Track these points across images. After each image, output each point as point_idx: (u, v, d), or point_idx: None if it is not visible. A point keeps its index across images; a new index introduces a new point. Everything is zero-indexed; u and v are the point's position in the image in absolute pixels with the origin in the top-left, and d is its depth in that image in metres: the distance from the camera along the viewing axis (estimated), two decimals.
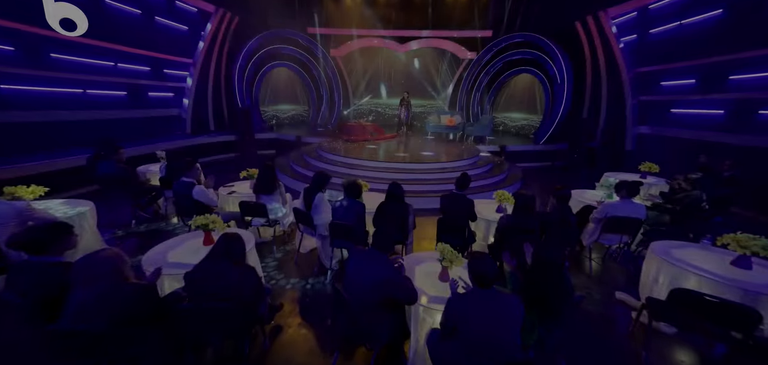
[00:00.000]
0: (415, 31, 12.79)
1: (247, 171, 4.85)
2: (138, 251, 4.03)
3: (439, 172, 7.06)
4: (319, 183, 3.97)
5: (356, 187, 3.74)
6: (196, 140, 8.83)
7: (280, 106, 13.57)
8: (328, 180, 4.01)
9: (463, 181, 3.76)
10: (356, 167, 7.23)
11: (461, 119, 10.96)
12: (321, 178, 3.97)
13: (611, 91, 9.04)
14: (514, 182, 7.18)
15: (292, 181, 7.22)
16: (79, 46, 6.59)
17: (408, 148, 8.70)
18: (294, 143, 10.33)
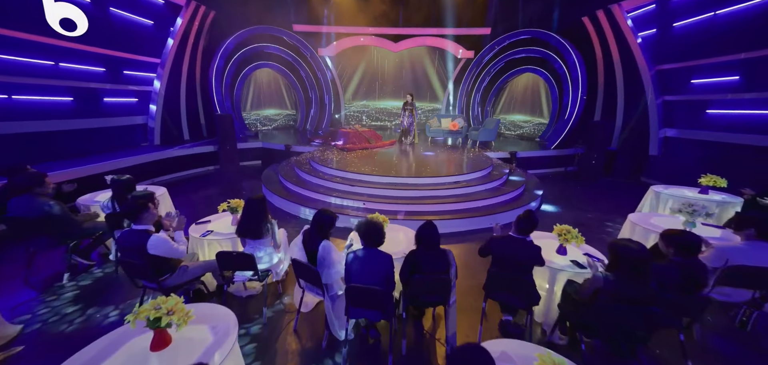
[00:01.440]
0: (410, 28, 11.79)
1: (227, 203, 3.65)
2: None
3: (449, 188, 6.03)
4: (322, 227, 2.87)
5: (377, 232, 2.64)
6: (166, 152, 7.42)
7: (266, 110, 12.22)
8: (334, 222, 2.91)
9: (528, 222, 2.70)
10: (356, 183, 6.11)
11: (464, 123, 10.03)
12: (324, 221, 2.86)
13: (629, 90, 8.32)
14: (533, 198, 6.25)
15: (283, 201, 6.02)
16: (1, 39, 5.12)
17: (411, 158, 7.64)
18: (283, 153, 9.07)
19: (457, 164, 7.16)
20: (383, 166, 6.77)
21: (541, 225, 5.55)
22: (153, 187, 4.50)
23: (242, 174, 8.41)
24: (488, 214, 5.46)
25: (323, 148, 8.78)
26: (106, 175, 3.86)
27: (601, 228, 5.39)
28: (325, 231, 2.88)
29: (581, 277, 2.72)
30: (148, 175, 7.04)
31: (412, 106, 8.68)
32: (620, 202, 6.56)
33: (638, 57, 7.86)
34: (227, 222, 3.71)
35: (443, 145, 9.60)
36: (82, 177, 5.44)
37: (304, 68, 11.51)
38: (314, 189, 6.15)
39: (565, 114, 9.47)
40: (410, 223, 5.35)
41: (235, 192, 6.99)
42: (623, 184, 7.78)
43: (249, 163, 9.34)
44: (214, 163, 8.38)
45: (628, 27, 8.10)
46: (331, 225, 2.90)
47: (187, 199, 6.49)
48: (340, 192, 6.02)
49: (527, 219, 2.66)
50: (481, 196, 5.88)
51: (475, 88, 11.92)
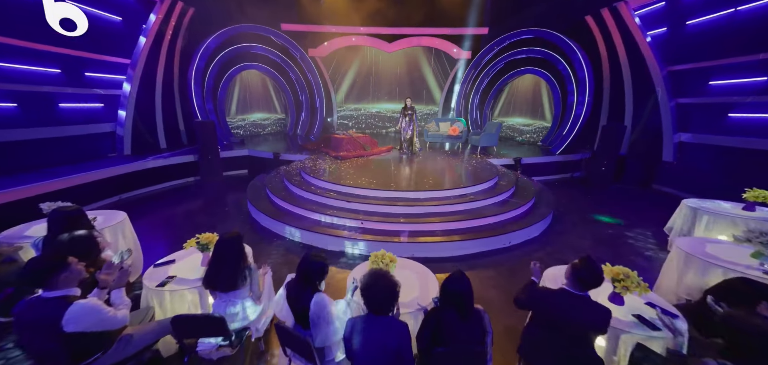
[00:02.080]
0: (405, 28, 11.11)
1: (196, 238, 2.87)
2: None
3: (454, 203, 5.35)
4: (311, 276, 2.15)
5: (386, 296, 1.90)
6: (138, 164, 6.52)
7: (253, 115, 11.36)
8: (325, 270, 2.20)
9: (592, 275, 1.96)
10: (352, 199, 5.38)
11: (464, 127, 9.40)
12: (312, 269, 2.15)
13: (638, 92, 7.82)
14: (544, 214, 5.61)
15: (271, 221, 5.24)
16: None
17: (411, 168, 6.95)
18: (271, 162, 8.27)
19: (461, 174, 6.49)
20: (381, 178, 6.05)
21: (560, 246, 5.02)
22: (109, 213, 3.67)
23: (226, 185, 7.58)
24: (499, 234, 4.81)
25: (315, 157, 8.02)
26: (41, 203, 3.01)
27: (627, 247, 4.79)
28: (315, 282, 2.16)
29: (656, 343, 2.05)
30: (117, 190, 6.16)
31: (412, 112, 7.79)
32: (639, 213, 6.01)
33: (648, 57, 7.36)
34: (196, 262, 2.94)
35: (443, 151, 8.94)
36: (27, 197, 4.55)
37: (293, 70, 10.71)
38: (304, 205, 5.39)
39: (569, 117, 8.93)
40: (416, 249, 4.58)
41: (216, 208, 6.17)
42: (635, 192, 7.26)
43: (234, 172, 8.49)
44: (195, 173, 7.52)
45: (636, 25, 7.60)
46: (322, 275, 2.18)
47: (160, 218, 5.65)
48: (334, 209, 5.29)
49: (590, 271, 1.97)
50: (490, 213, 5.23)
51: (473, 90, 11.32)
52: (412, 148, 7.91)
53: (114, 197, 5.97)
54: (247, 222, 5.53)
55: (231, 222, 5.51)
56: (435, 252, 4.57)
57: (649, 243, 4.74)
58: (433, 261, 4.40)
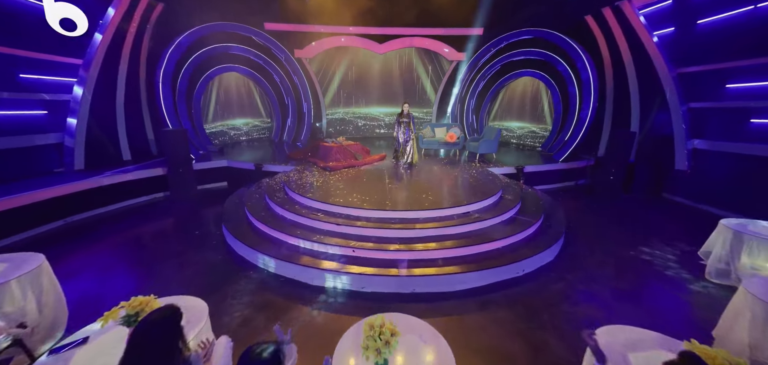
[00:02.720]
0: (396, 28, 10.40)
1: (121, 309, 2.04)
2: None
3: (458, 224, 4.64)
4: None
5: None
6: (91, 180, 5.52)
7: (236, 120, 10.42)
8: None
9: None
10: (343, 221, 4.60)
11: (461, 133, 8.72)
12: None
13: (645, 96, 7.29)
14: (557, 234, 4.95)
15: (248, 250, 4.41)
16: None
17: (407, 182, 6.21)
18: (253, 173, 7.39)
19: (462, 188, 5.78)
20: (375, 194, 5.28)
21: (581, 274, 4.02)
22: (20, 257, 2.77)
23: (201, 201, 6.67)
24: (511, 262, 4.10)
25: (302, 167, 7.19)
26: None
27: (657, 275, 4.14)
28: None
29: None
30: (63, 212, 5.18)
31: (409, 119, 6.87)
32: (658, 229, 5.41)
33: (656, 58, 6.83)
34: (119, 343, 2.09)
35: (439, 160, 8.23)
36: None
37: (278, 72, 9.83)
38: (287, 229, 4.58)
39: (572, 121, 8.37)
40: (416, 283, 3.78)
41: (185, 231, 5.29)
42: (646, 202, 6.71)
43: (211, 185, 7.58)
44: (165, 189, 6.57)
45: (642, 25, 7.06)
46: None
47: (112, 246, 4.72)
48: (321, 233, 4.49)
49: None
50: (498, 234, 4.53)
51: (469, 93, 10.67)
52: (412, 161, 7.02)
53: (58, 221, 5.00)
54: (221, 249, 4.68)
55: (200, 251, 4.63)
56: (438, 286, 3.84)
57: (682, 271, 4.11)
58: (437, 298, 3.68)
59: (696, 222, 5.71)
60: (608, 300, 3.59)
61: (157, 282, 3.83)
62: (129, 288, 3.70)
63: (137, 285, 3.79)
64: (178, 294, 2.51)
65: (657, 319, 3.27)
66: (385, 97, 11.68)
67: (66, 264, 4.13)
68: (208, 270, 4.11)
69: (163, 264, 4.24)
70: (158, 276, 3.97)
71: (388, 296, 3.70)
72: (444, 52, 10.48)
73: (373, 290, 3.78)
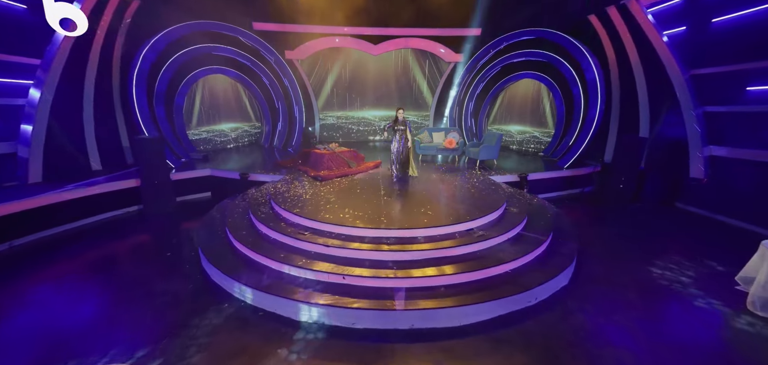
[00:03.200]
0: (392, 28, 9.88)
1: None
2: None
3: (461, 246, 4.09)
4: None
5: None
6: (48, 196, 4.82)
7: (222, 125, 9.79)
8: None
9: None
10: (335, 241, 4.03)
11: (460, 138, 8.20)
12: None
13: (655, 99, 6.83)
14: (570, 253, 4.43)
15: (223, 279, 3.82)
16: None
17: (403, 192, 5.66)
18: (238, 183, 6.79)
19: (463, 201, 5.23)
20: (368, 209, 4.72)
21: (601, 301, 3.44)
22: None
23: (180, 214, 6.04)
24: (522, 290, 3.55)
25: (292, 176, 6.62)
26: None
27: (685, 304, 3.62)
28: None
29: None
30: (22, 231, 4.54)
31: (405, 126, 6.04)
32: (678, 245, 4.92)
33: (666, 59, 6.36)
34: None
35: (437, 167, 7.69)
36: None
37: (267, 74, 9.23)
38: (269, 252, 3.99)
39: (576, 126, 7.89)
40: (416, 318, 3.15)
41: (157, 252, 4.68)
42: (659, 213, 6.21)
43: (193, 196, 6.95)
44: (139, 202, 5.92)
45: (651, 24, 6.59)
46: None
47: (62, 274, 4.07)
48: (308, 256, 3.91)
49: None
50: (505, 256, 3.99)
51: (467, 96, 10.17)
52: (410, 172, 6.29)
53: (3, 245, 4.33)
54: (194, 274, 4.07)
55: (169, 278, 4.02)
56: (441, 321, 3.28)
57: (717, 301, 3.57)
58: (440, 335, 3.14)
59: (717, 235, 5.23)
60: (638, 339, 3.05)
61: (106, 325, 3.20)
62: (64, 334, 3.06)
63: (77, 327, 3.15)
64: (126, 338, 1.90)
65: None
66: (380, 100, 11.14)
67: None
68: (174, 304, 3.50)
69: (120, 297, 3.62)
70: (109, 316, 3.34)
71: (383, 334, 3.13)
72: (441, 52, 9.97)
73: (366, 326, 3.22)
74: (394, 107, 10.79)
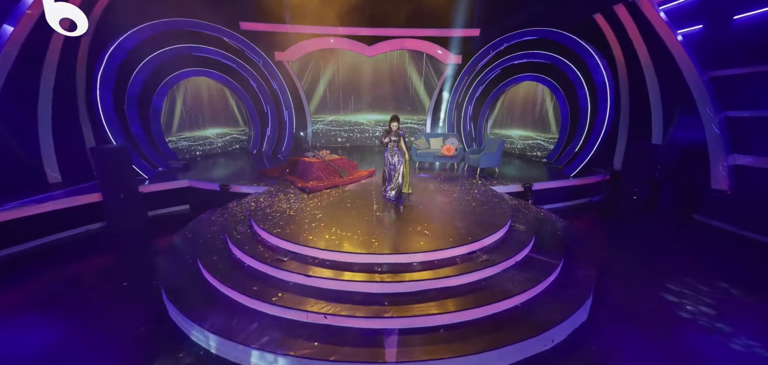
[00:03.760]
0: (387, 29, 9.28)
1: None
2: None
3: (460, 274, 3.49)
4: None
5: None
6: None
7: (207, 130, 9.12)
8: None
9: None
10: (327, 273, 3.40)
11: (459, 144, 7.60)
12: None
13: (668, 103, 6.28)
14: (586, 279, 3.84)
15: (183, 319, 3.17)
16: None
17: (397, 215, 5.03)
18: (219, 195, 6.12)
19: (463, 216, 4.62)
20: (358, 228, 4.09)
21: (629, 342, 2.77)
22: None
23: (150, 232, 5.36)
24: (537, 332, 2.94)
25: (277, 188, 5.99)
26: None
27: (732, 355, 3.02)
28: None
29: None
30: None
31: (400, 137, 4.94)
32: (708, 265, 4.31)
33: (682, 60, 5.81)
34: None
35: (434, 175, 7.07)
36: None
37: (255, 77, 8.58)
38: (240, 286, 3.34)
39: (583, 131, 7.32)
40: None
41: (112, 279, 4.00)
42: (678, 227, 5.62)
43: (170, 210, 6.28)
44: (103, 218, 5.23)
45: (663, 22, 6.04)
46: None
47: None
48: (286, 287, 3.27)
49: None
50: (513, 287, 3.39)
51: (466, 99, 9.58)
52: (404, 189, 5.29)
53: None
54: (152, 308, 3.40)
55: (122, 314, 3.35)
56: None
57: (752, 341, 2.99)
58: None
59: (747, 255, 4.65)
60: None
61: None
62: None
63: None
64: None
65: None
66: (375, 103, 10.53)
67: None
68: (116, 350, 2.84)
69: (50, 338, 2.96)
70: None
71: None
72: (438, 54, 9.39)
73: None
74: (390, 111, 10.25)
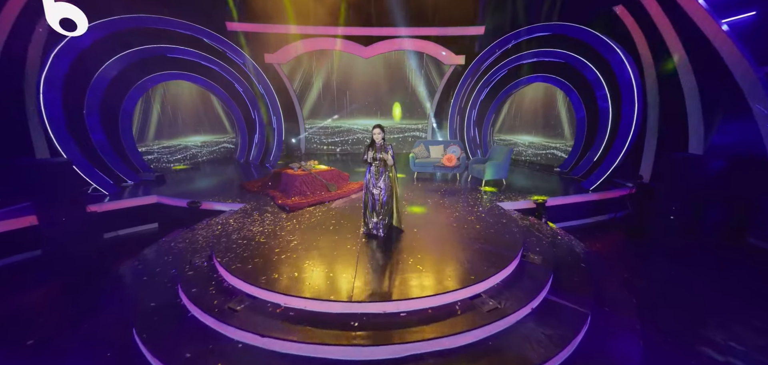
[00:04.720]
0: (384, 28, 8.48)
1: None
2: None
3: (463, 331, 2.55)
4: None
5: None
6: None
7: (188, 138, 8.33)
8: None
9: None
10: (279, 328, 2.49)
11: (461, 153, 6.65)
12: None
13: (710, 104, 5.25)
14: (626, 351, 2.86)
15: None
16: None
17: (388, 249, 4.08)
18: (188, 213, 5.26)
19: (465, 244, 3.67)
20: (338, 261, 3.17)
21: None
22: None
23: (102, 259, 4.46)
24: None
25: (253, 205, 5.13)
26: None
27: None
28: None
29: None
30: None
31: (387, 152, 3.64)
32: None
33: (729, 54, 4.80)
34: None
35: (434, 188, 6.13)
36: None
37: (240, 80, 7.77)
38: (171, 354, 2.43)
39: (603, 137, 6.33)
40: None
41: (17, 332, 3.10)
42: (732, 253, 4.56)
43: (135, 229, 5.43)
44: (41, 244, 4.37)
45: (704, 11, 5.04)
46: None
47: None
48: (233, 355, 2.36)
49: None
50: (529, 346, 2.45)
51: (469, 103, 8.64)
52: (395, 221, 3.90)
53: None
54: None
55: None
56: None
57: None
58: None
59: None
60: None
61: None
62: None
63: None
64: None
65: None
66: (372, 107, 9.68)
67: None
68: None
69: None
70: None
71: None
72: (440, 55, 8.50)
73: None
74: (387, 115, 9.37)
